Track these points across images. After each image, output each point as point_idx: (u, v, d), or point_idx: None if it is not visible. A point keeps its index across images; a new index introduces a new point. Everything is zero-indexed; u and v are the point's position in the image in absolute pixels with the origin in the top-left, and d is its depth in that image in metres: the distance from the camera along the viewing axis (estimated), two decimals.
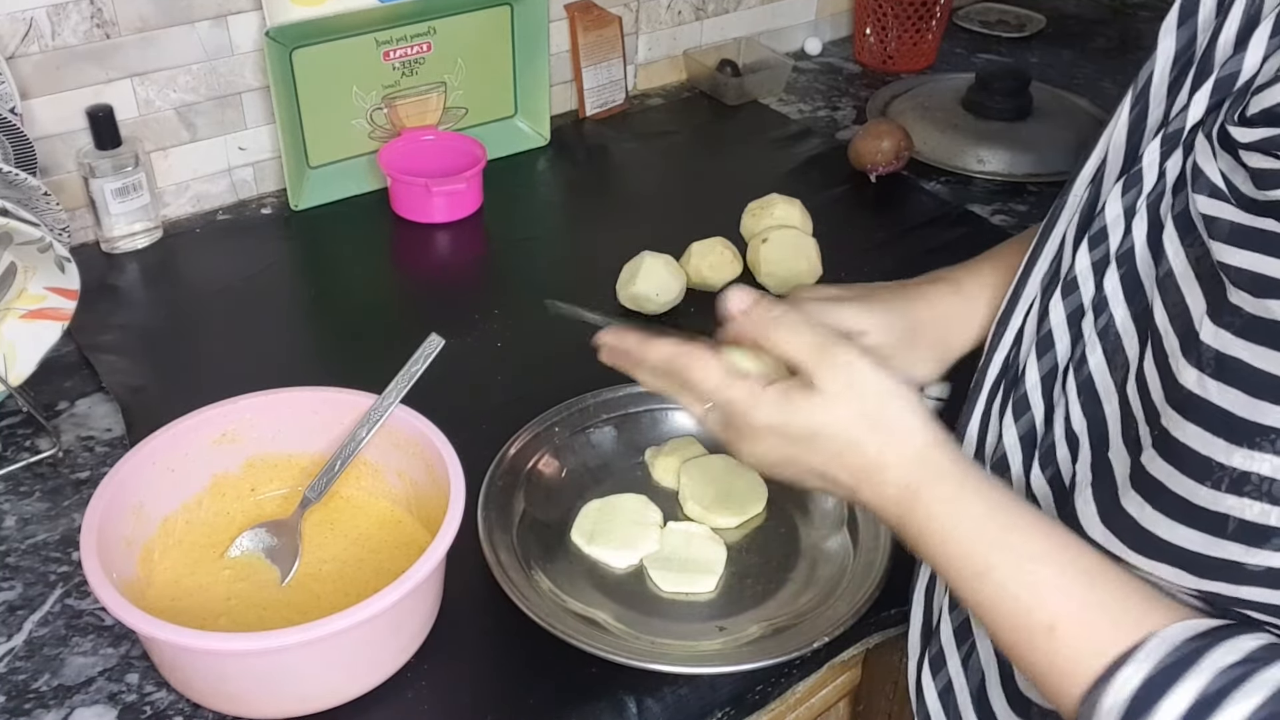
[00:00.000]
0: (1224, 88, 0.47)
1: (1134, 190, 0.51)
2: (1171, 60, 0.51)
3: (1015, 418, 0.58)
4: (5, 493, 0.82)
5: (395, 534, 0.76)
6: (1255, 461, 0.43)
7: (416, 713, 0.68)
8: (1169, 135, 0.49)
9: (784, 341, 0.57)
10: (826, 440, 0.56)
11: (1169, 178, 0.50)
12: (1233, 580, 0.45)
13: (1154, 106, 0.52)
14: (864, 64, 1.53)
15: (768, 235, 1.04)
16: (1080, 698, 0.47)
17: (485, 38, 1.22)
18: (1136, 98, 0.53)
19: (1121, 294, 0.52)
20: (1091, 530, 0.51)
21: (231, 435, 0.76)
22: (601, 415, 0.87)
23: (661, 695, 0.69)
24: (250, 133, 1.15)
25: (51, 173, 1.04)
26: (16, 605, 0.73)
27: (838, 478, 0.57)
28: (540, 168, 1.27)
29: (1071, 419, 0.54)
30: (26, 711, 0.67)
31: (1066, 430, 0.55)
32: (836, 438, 0.55)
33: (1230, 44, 0.47)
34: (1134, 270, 0.51)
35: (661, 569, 0.76)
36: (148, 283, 1.06)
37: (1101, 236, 0.53)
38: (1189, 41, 0.50)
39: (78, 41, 1.01)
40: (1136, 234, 0.51)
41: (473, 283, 1.11)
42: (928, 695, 0.63)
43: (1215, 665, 0.44)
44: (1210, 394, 0.44)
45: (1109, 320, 0.52)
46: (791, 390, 0.56)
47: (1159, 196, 0.50)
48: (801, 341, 0.56)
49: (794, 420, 0.56)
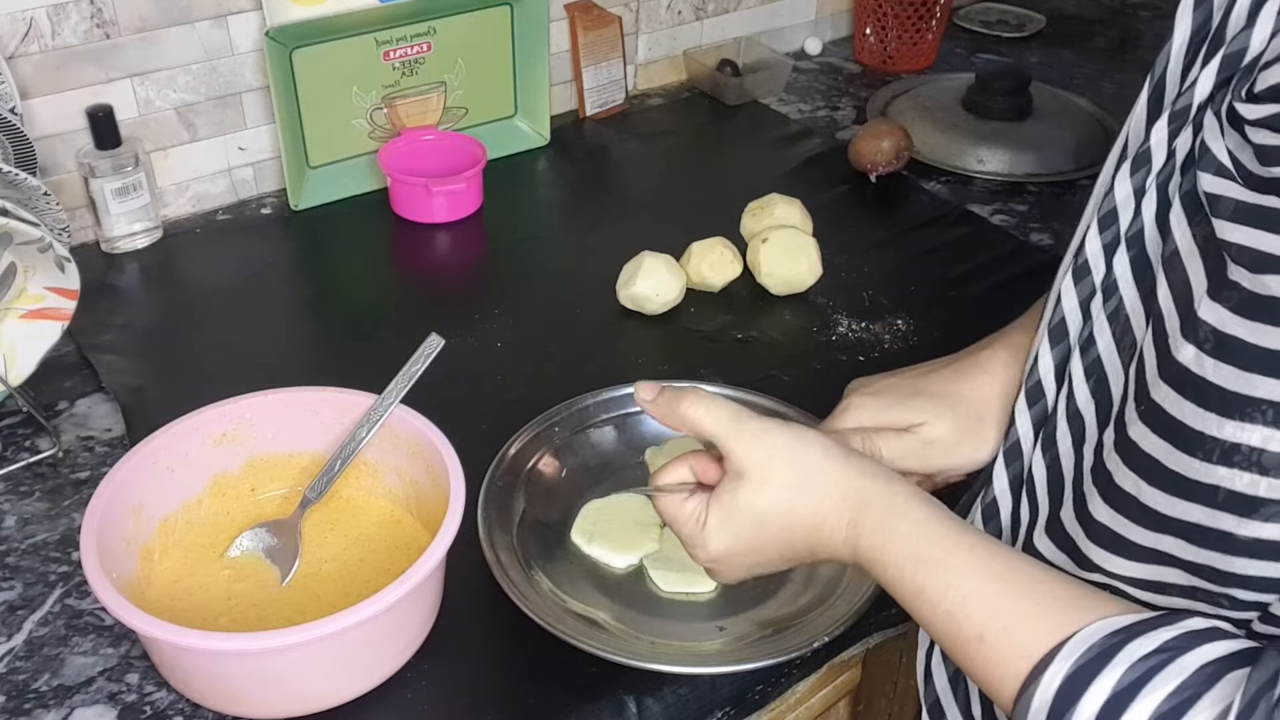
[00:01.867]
0: (1231, 64, 0.46)
1: (1143, 170, 0.51)
2: (1187, 42, 0.51)
3: (1029, 404, 0.59)
4: (5, 492, 0.82)
5: (395, 534, 0.76)
6: (1245, 433, 0.43)
7: (416, 712, 0.68)
8: (1176, 113, 0.49)
9: (696, 419, 0.61)
10: (771, 518, 0.59)
11: (1178, 156, 0.49)
12: (1226, 551, 0.46)
13: (1170, 89, 0.52)
14: (864, 64, 1.53)
15: (768, 235, 1.04)
16: (1013, 700, 0.49)
17: (485, 37, 1.22)
18: (1155, 83, 0.53)
19: (1131, 275, 0.52)
20: (1097, 512, 0.51)
21: (232, 435, 0.76)
22: (601, 415, 0.86)
23: (661, 695, 0.69)
24: (250, 133, 1.15)
25: (51, 173, 1.04)
26: (16, 605, 0.73)
27: (795, 548, 0.60)
28: (540, 168, 1.27)
29: (1076, 398, 0.55)
30: (26, 711, 0.67)
31: (1069, 409, 0.55)
32: (777, 511, 0.59)
33: (1242, 18, 0.47)
34: (1143, 251, 0.51)
35: (661, 569, 0.76)
36: (148, 283, 1.06)
37: (1112, 218, 0.53)
38: (1204, 22, 0.50)
39: (78, 41, 1.01)
40: (1146, 214, 0.51)
41: (473, 283, 1.11)
42: (937, 680, 0.63)
43: (1130, 657, 0.45)
44: (1206, 371, 0.44)
45: (1119, 302, 0.53)
46: (720, 491, 0.60)
47: (1169, 175, 0.50)
48: (713, 417, 0.61)
49: (734, 515, 0.60)
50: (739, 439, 0.60)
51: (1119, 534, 0.50)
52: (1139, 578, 0.51)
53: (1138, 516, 0.49)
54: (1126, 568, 0.51)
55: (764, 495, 0.59)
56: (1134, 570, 0.51)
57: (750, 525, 0.60)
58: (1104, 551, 0.51)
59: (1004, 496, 0.61)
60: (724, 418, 0.60)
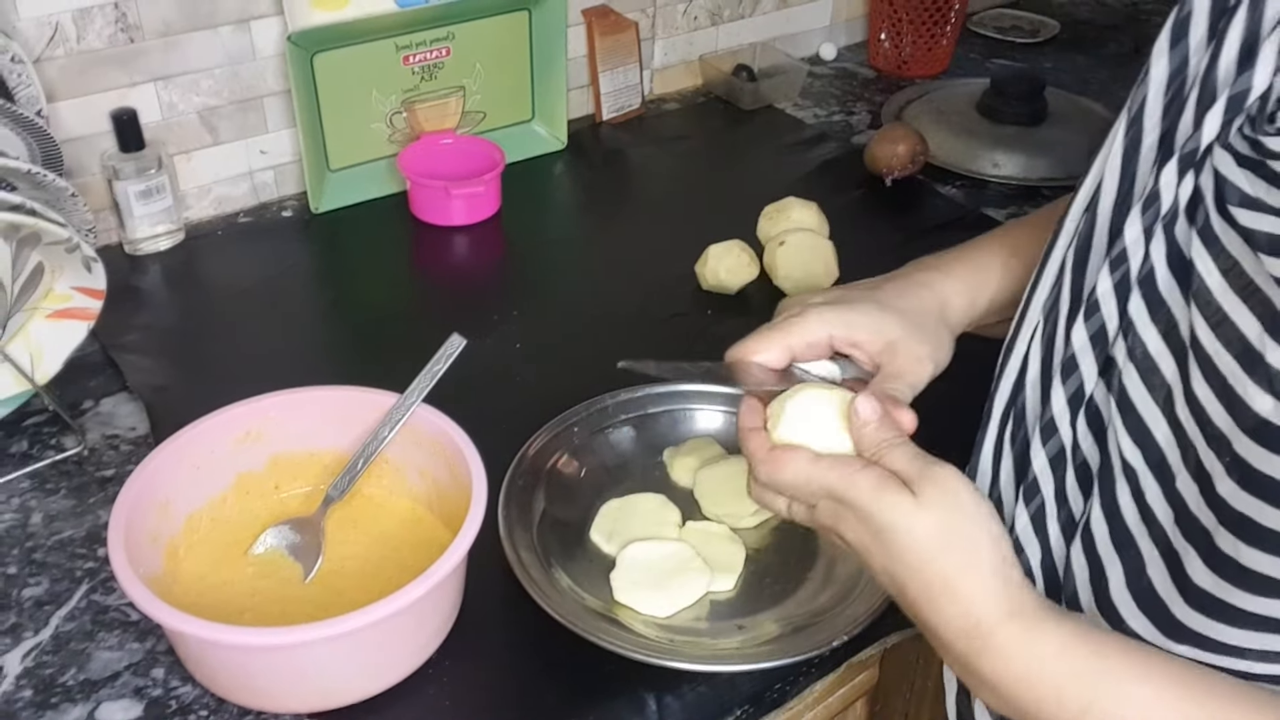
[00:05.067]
0: (1235, 106, 0.47)
1: (1151, 211, 0.52)
2: (1165, 83, 0.51)
3: (1043, 442, 0.57)
4: (32, 490, 0.83)
5: (416, 532, 0.77)
6: None
7: (438, 709, 0.68)
8: (1184, 156, 0.49)
9: (893, 460, 0.57)
10: (902, 540, 0.54)
11: (1181, 198, 0.49)
12: None
13: (1149, 130, 0.52)
14: (878, 69, 1.54)
15: (784, 238, 1.05)
16: None
17: (504, 42, 1.23)
18: (1131, 122, 0.53)
19: (1148, 317, 0.51)
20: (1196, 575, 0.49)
21: (255, 433, 0.77)
22: (620, 415, 0.87)
23: (681, 693, 0.70)
24: (271, 136, 1.16)
25: (76, 175, 1.05)
26: (44, 600, 0.74)
27: (904, 591, 0.55)
28: (557, 171, 1.28)
29: (1124, 450, 0.53)
30: (53, 705, 0.68)
31: (1123, 463, 0.53)
32: (912, 540, 0.54)
33: (1233, 65, 0.47)
34: (1156, 293, 0.51)
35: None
36: (170, 284, 1.07)
37: (1122, 259, 0.53)
38: (1181, 64, 0.50)
39: (102, 45, 1.03)
40: (1155, 257, 0.51)
41: (491, 285, 1.12)
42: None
43: None
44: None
45: (1136, 343, 0.52)
46: (887, 481, 0.56)
47: (1173, 217, 0.50)
48: (908, 458, 0.57)
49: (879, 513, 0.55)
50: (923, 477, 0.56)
51: (1220, 599, 0.48)
52: (1244, 646, 0.49)
53: (1239, 580, 0.47)
54: (1230, 635, 0.49)
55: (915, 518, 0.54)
56: (1238, 638, 0.49)
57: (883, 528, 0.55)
58: (1204, 618, 0.49)
59: (1029, 539, 0.58)
60: (913, 459, 0.57)
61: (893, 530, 0.55)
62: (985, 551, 0.54)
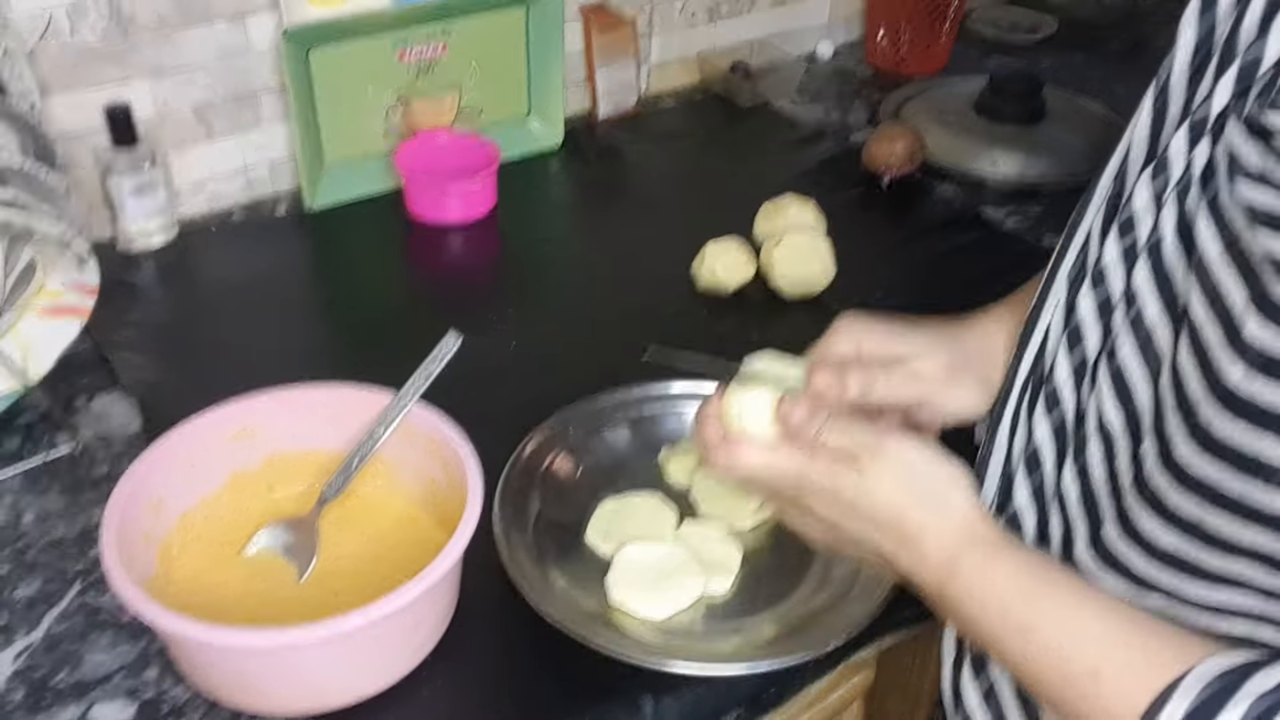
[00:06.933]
0: (1248, 75, 0.46)
1: (1161, 178, 0.51)
2: (1192, 51, 0.51)
3: (1047, 411, 0.58)
4: (24, 489, 0.82)
5: (411, 532, 0.76)
6: None
7: (432, 710, 0.68)
8: (1195, 123, 0.49)
9: (835, 440, 0.60)
10: (868, 510, 0.58)
11: (1195, 167, 0.49)
12: None
13: (1175, 97, 0.52)
14: (876, 67, 1.53)
15: (781, 237, 1.04)
16: None
17: (500, 39, 1.22)
18: (1159, 91, 0.53)
19: (1153, 285, 0.52)
20: (1155, 534, 0.50)
21: (250, 431, 0.76)
22: (616, 415, 0.87)
23: (677, 694, 0.69)
24: (266, 132, 1.15)
25: (68, 170, 1.04)
26: (35, 600, 0.74)
27: (879, 547, 0.59)
28: (554, 169, 1.28)
29: (1105, 412, 0.54)
30: (45, 707, 0.67)
31: (1099, 422, 0.55)
32: (877, 508, 0.57)
33: (1254, 29, 0.46)
34: (1162, 262, 0.51)
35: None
36: (164, 280, 1.06)
37: (1130, 225, 0.53)
38: (1209, 32, 0.50)
39: (96, 39, 1.02)
40: (1165, 225, 0.51)
41: (487, 282, 1.11)
42: (968, 698, 0.63)
43: (1252, 693, 0.44)
44: (1257, 393, 0.44)
45: (1139, 312, 0.52)
46: (837, 459, 0.59)
47: (1186, 187, 0.50)
48: (846, 434, 0.59)
49: (843, 489, 0.58)
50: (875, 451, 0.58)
51: (1185, 558, 0.50)
52: (1206, 602, 0.50)
53: (1205, 541, 0.48)
54: (1194, 591, 0.50)
55: (877, 485, 0.58)
56: (1203, 593, 0.50)
57: (848, 502, 0.58)
58: (1171, 573, 0.51)
59: (1027, 510, 0.60)
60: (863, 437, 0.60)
61: (858, 498, 0.58)
62: (947, 494, 0.57)
